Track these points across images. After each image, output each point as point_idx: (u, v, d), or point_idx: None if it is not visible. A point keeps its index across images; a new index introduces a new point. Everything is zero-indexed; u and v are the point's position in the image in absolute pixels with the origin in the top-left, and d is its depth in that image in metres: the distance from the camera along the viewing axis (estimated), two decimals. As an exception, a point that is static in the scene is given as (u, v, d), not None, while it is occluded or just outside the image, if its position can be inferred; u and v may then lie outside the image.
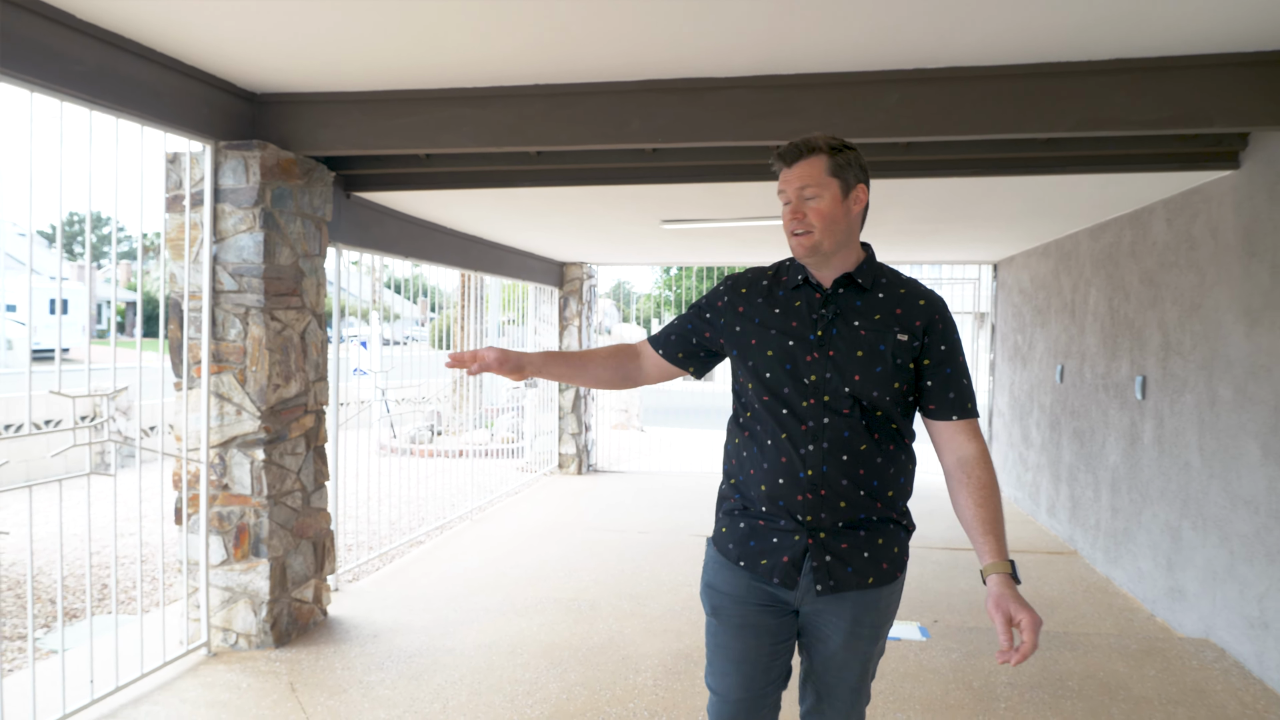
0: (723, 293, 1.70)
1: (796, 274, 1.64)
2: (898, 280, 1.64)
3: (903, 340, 1.56)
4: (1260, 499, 3.16)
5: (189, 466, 3.45)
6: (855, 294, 1.60)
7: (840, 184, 1.56)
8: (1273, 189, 3.15)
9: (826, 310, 1.59)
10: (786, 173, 1.58)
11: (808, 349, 1.56)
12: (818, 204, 1.55)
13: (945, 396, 1.58)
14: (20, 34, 2.45)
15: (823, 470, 1.53)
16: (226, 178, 3.39)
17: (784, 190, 1.59)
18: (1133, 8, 2.36)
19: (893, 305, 1.59)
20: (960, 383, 1.60)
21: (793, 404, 1.55)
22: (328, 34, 2.73)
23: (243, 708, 2.92)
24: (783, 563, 1.56)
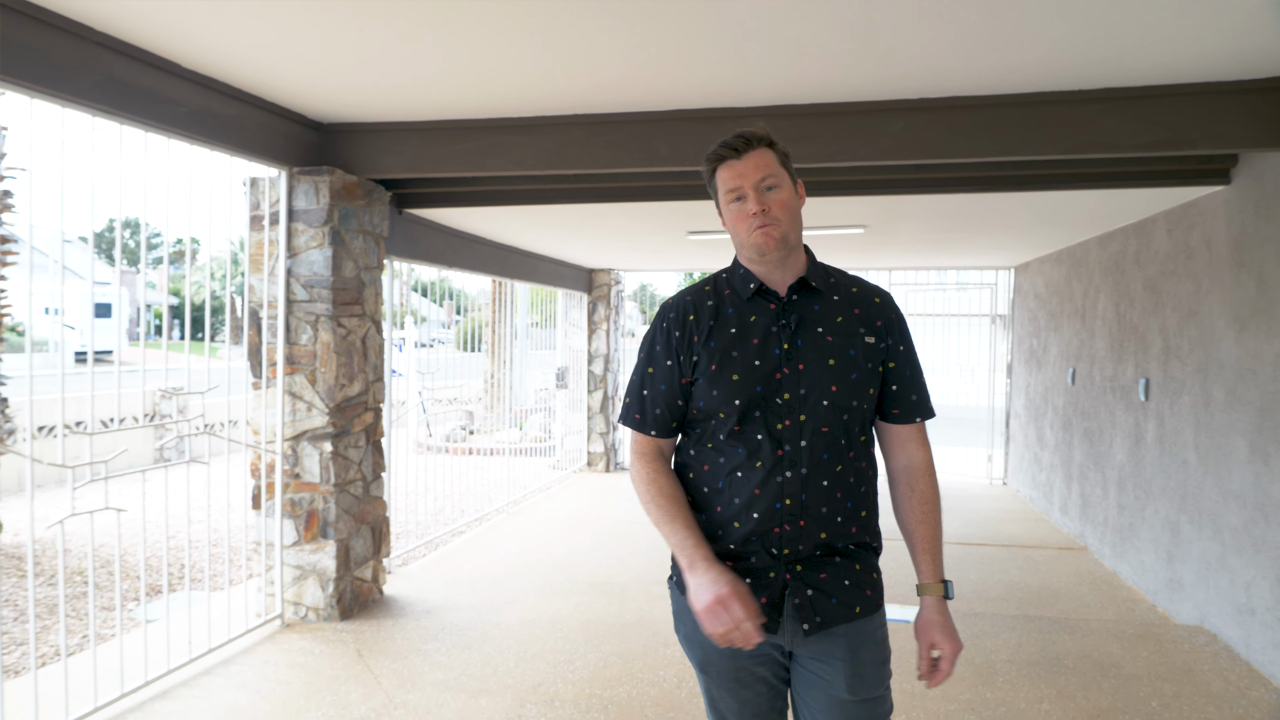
0: (671, 329, 1.51)
1: (746, 285, 1.49)
2: (846, 279, 1.54)
3: (870, 343, 1.46)
4: (1248, 493, 3.40)
5: (265, 457, 3.85)
6: (811, 298, 1.48)
7: (790, 176, 1.47)
8: (1259, 204, 3.39)
9: (787, 320, 1.45)
10: (736, 165, 1.44)
11: (775, 365, 1.42)
12: (779, 195, 1.43)
13: (909, 399, 1.50)
14: (136, 82, 2.86)
15: (802, 499, 1.40)
16: (299, 199, 3.79)
17: (737, 184, 1.44)
18: (1119, 42, 2.63)
19: (850, 306, 1.49)
20: (920, 382, 1.52)
21: (768, 428, 1.41)
22: (389, 72, 3.10)
23: (318, 669, 3.30)
24: (761, 604, 1.40)
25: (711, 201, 4.37)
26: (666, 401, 1.50)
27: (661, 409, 1.51)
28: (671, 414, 1.51)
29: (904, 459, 1.51)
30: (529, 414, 10.71)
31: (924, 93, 3.18)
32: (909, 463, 1.51)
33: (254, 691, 3.09)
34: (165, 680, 3.15)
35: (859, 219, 5.10)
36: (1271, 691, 3.11)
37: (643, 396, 1.53)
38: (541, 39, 2.70)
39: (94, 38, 2.68)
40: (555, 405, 9.14)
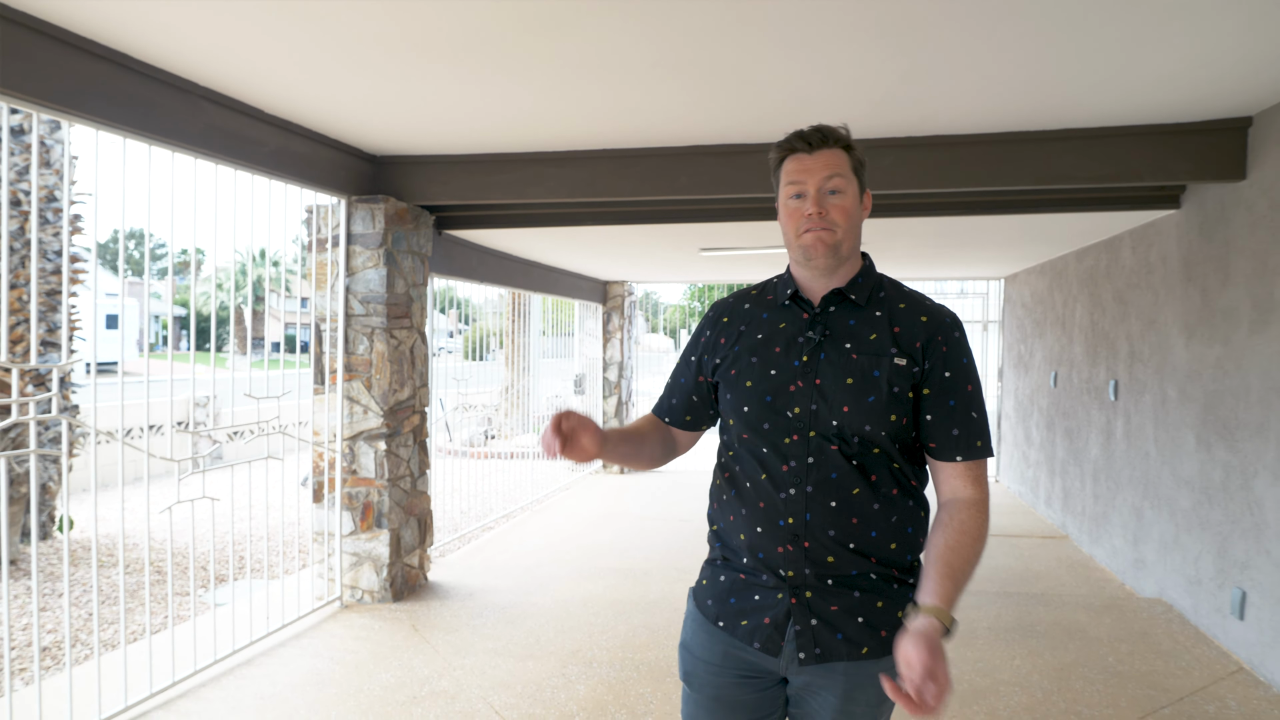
0: (704, 328, 1.50)
1: (784, 290, 1.42)
2: (899, 294, 1.41)
3: (900, 365, 1.32)
4: (1195, 479, 3.87)
5: (326, 455, 4.32)
6: (848, 311, 1.38)
7: (859, 184, 1.38)
8: (1202, 227, 3.87)
9: (814, 332, 1.37)
10: (805, 160, 1.34)
11: (791, 377, 1.35)
12: (842, 200, 1.33)
13: (947, 433, 1.34)
14: (229, 128, 3.34)
15: (805, 518, 1.31)
16: (356, 224, 4.27)
17: (800, 180, 1.34)
18: (1075, 91, 3.11)
19: (890, 323, 1.36)
20: (967, 416, 1.34)
21: (774, 441, 1.34)
22: (437, 113, 3.58)
23: (380, 641, 3.76)
24: (764, 624, 1.34)
25: (725, 222, 4.87)
26: (682, 394, 1.51)
27: (678, 399, 1.52)
28: (686, 408, 1.51)
29: (948, 494, 1.36)
30: (545, 419, 11.18)
31: (910, 132, 3.67)
32: (953, 496, 1.35)
33: (328, 659, 3.55)
34: (245, 652, 3.61)
35: (855, 236, 5.58)
36: (1212, 648, 3.57)
37: (667, 385, 1.57)
38: (575, 91, 3.20)
39: (199, 91, 3.17)
40: (574, 409, 9.59)
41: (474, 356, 16.63)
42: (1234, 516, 3.51)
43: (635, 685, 3.26)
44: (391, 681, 3.30)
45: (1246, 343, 3.44)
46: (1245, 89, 3.06)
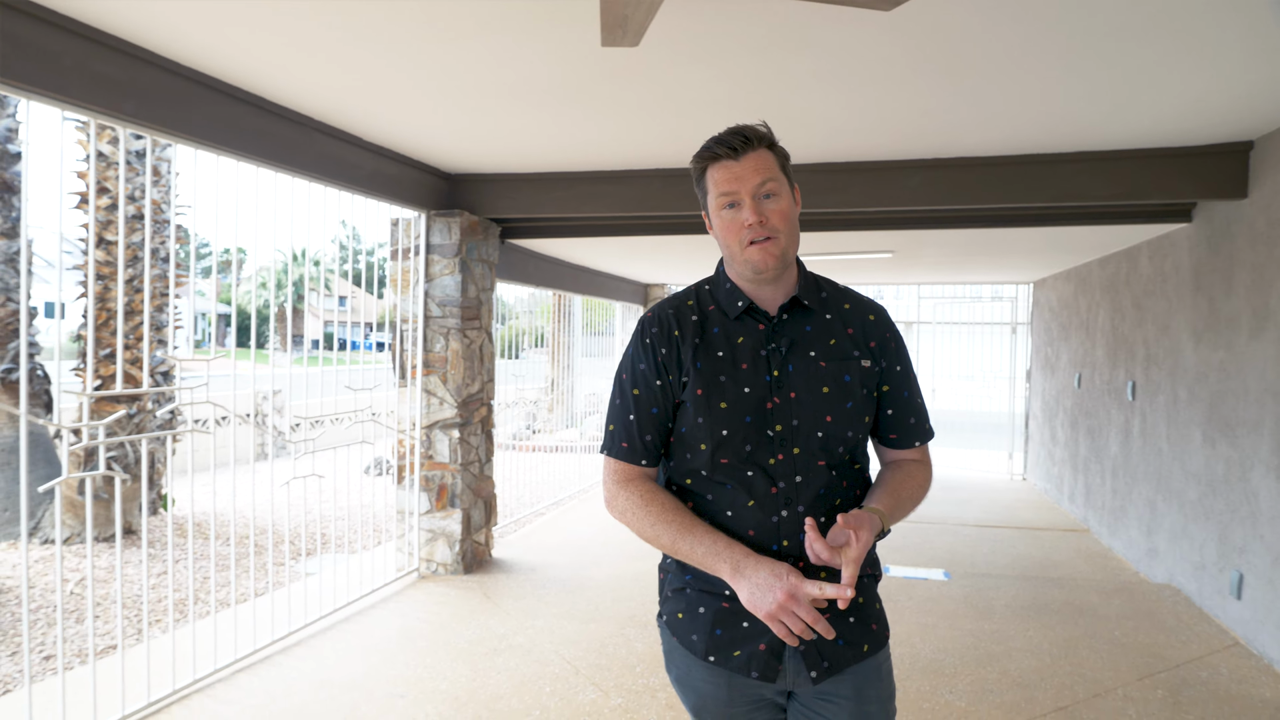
0: (657, 346, 1.35)
1: (733, 302, 1.35)
2: (838, 293, 1.40)
3: (866, 367, 1.32)
4: (1201, 473, 4.20)
5: (405, 442, 4.83)
6: (801, 318, 1.34)
7: (789, 182, 1.33)
8: (1210, 241, 4.19)
9: (777, 343, 1.31)
10: (733, 167, 1.28)
11: (765, 394, 1.29)
12: (778, 204, 1.28)
13: (907, 423, 1.38)
14: (336, 155, 3.85)
15: (800, 539, 1.26)
16: (435, 236, 4.78)
17: (732, 189, 1.28)
18: (1089, 118, 3.47)
19: (844, 325, 1.35)
20: (917, 405, 1.39)
21: (759, 462, 1.28)
22: (518, 139, 4.06)
23: (458, 605, 4.25)
24: (759, 652, 1.29)
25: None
26: (657, 427, 1.35)
27: (652, 435, 1.35)
28: (661, 440, 1.36)
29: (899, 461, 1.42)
30: (586, 416, 11.67)
31: (935, 154, 4.06)
32: (904, 458, 1.41)
33: (414, 619, 4.05)
34: (341, 612, 4.12)
35: (886, 246, 5.97)
36: (1212, 625, 3.91)
37: (629, 422, 1.35)
38: (640, 124, 3.65)
39: (313, 125, 3.68)
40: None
41: (508, 355, 17.22)
42: (1234, 506, 3.84)
43: (686, 645, 3.71)
44: (473, 637, 3.79)
45: (1246, 348, 3.77)
46: (1246, 115, 3.39)
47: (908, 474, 1.37)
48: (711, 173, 1.31)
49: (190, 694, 3.15)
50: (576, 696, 3.17)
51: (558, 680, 3.31)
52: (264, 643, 3.62)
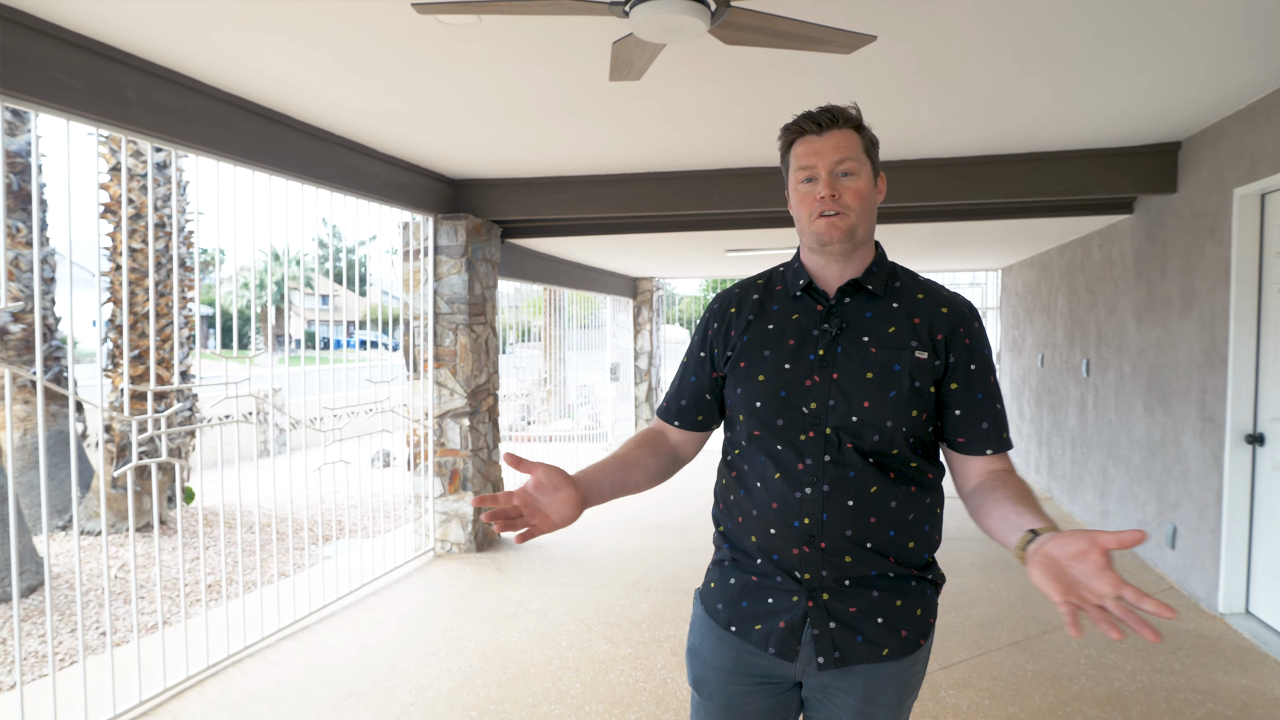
0: (710, 320, 1.43)
1: (797, 280, 1.36)
2: (915, 284, 1.36)
3: (922, 359, 1.28)
4: (1143, 439, 4.66)
5: (419, 431, 5.20)
6: (865, 302, 1.33)
7: (872, 166, 1.31)
8: (1149, 230, 4.65)
9: (830, 324, 1.31)
10: (815, 142, 1.29)
11: (806, 371, 1.30)
12: (855, 183, 1.27)
13: (977, 427, 1.31)
14: (356, 166, 4.20)
15: (822, 519, 1.26)
16: (443, 238, 5.13)
17: (810, 163, 1.28)
18: (1037, 122, 3.89)
19: (909, 315, 1.31)
20: (993, 409, 1.32)
21: (789, 438, 1.29)
22: (517, 146, 4.43)
23: (474, 578, 4.64)
24: (779, 629, 1.29)
25: (748, 229, 5.69)
26: (693, 394, 1.42)
27: (687, 400, 1.43)
28: (698, 408, 1.42)
29: (979, 478, 1.32)
30: (578, 406, 12.05)
31: (905, 156, 4.47)
32: (987, 471, 1.32)
33: (436, 591, 4.43)
34: (367, 588, 4.48)
35: (860, 238, 6.39)
36: (1151, 574, 4.38)
37: (674, 386, 1.48)
38: (645, 134, 4.03)
39: (334, 140, 4.03)
40: (605, 396, 10.47)
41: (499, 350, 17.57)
42: (1169, 467, 4.31)
43: (684, 605, 4.11)
44: (492, 604, 4.17)
45: (1177, 326, 4.23)
46: (1173, 120, 3.82)
47: (1009, 484, 1.25)
48: (795, 147, 1.31)
49: (243, 658, 3.51)
50: (591, 649, 3.57)
51: (573, 636, 3.71)
52: (301, 615, 3.98)
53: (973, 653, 3.43)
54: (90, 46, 2.68)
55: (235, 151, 3.40)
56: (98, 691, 3.05)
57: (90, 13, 2.48)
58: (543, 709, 2.99)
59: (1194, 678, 3.18)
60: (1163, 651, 3.42)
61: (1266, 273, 3.59)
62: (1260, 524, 3.64)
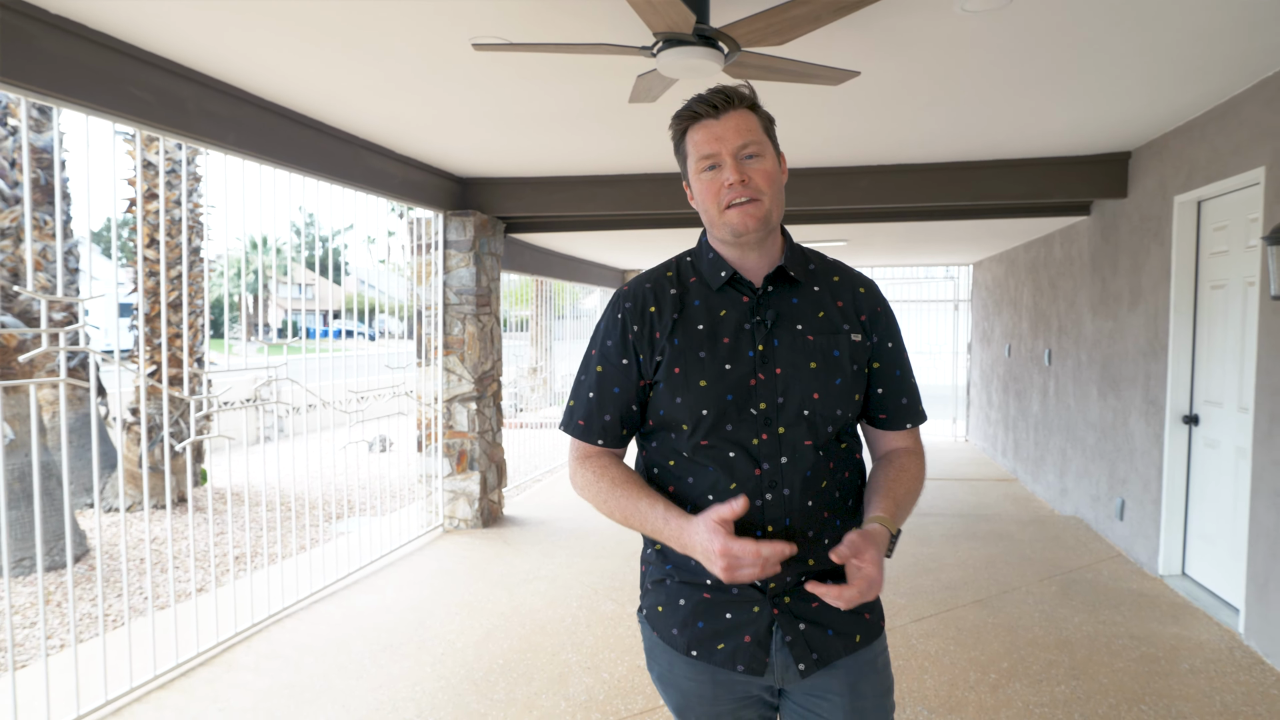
0: (628, 323, 1.27)
1: (716, 272, 1.27)
2: (827, 265, 1.33)
3: (857, 341, 1.25)
4: (1097, 422, 5.12)
5: (427, 415, 5.52)
6: (787, 290, 1.27)
7: (774, 145, 1.25)
8: (1103, 231, 5.09)
9: (763, 316, 1.24)
10: (713, 127, 1.21)
11: (749, 370, 1.21)
12: (762, 164, 1.21)
13: (898, 403, 1.31)
14: (377, 167, 4.51)
15: (786, 524, 1.19)
16: (452, 233, 5.45)
17: (713, 150, 1.20)
18: (1000, 133, 4.29)
19: (832, 297, 1.28)
20: (910, 384, 1.32)
21: (741, 443, 1.20)
22: (518, 147, 4.76)
23: (483, 550, 4.99)
24: (745, 644, 1.23)
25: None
26: (618, 406, 1.28)
27: (612, 415, 1.29)
28: (624, 422, 1.30)
29: (886, 452, 1.35)
30: (565, 394, 12.40)
31: (880, 161, 4.86)
32: (893, 447, 1.34)
33: (449, 561, 4.78)
34: (382, 560, 4.81)
35: (841, 236, 6.80)
36: (1102, 544, 4.85)
37: (588, 400, 1.30)
38: (648, 138, 4.38)
39: (358, 143, 4.34)
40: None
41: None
42: (1118, 446, 4.77)
43: (682, 571, 4.51)
44: (504, 572, 4.53)
45: (1126, 318, 4.67)
46: (1124, 133, 4.24)
47: (900, 468, 1.29)
48: (691, 134, 1.23)
49: (283, 618, 3.84)
50: (599, 608, 3.94)
51: (581, 598, 4.08)
52: (328, 581, 4.32)
53: (940, 609, 3.86)
54: (158, 63, 2.98)
55: (277, 155, 3.70)
56: (141, 652, 3.37)
57: (162, 31, 2.77)
58: (561, 657, 3.36)
59: (1132, 627, 3.62)
60: (1107, 606, 3.87)
61: (1202, 271, 4.03)
62: (1195, 495, 4.10)
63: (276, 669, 3.28)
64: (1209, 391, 3.96)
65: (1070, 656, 3.32)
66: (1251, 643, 3.36)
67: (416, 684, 3.12)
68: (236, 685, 3.13)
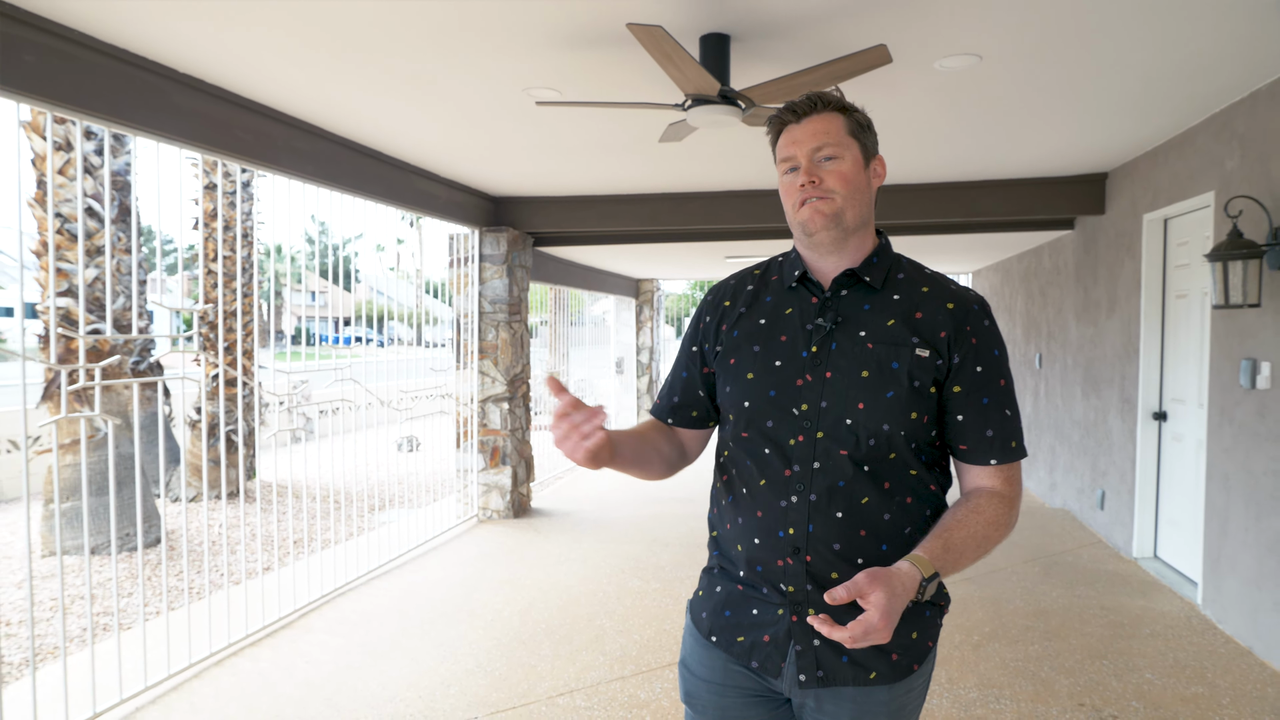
0: (703, 313, 1.35)
1: (791, 271, 1.27)
2: (920, 276, 1.26)
3: (923, 357, 1.17)
4: (1081, 420, 5.56)
5: (464, 414, 6.01)
6: (862, 295, 1.23)
7: (861, 148, 1.22)
8: (1086, 244, 5.54)
9: (824, 318, 1.21)
10: (794, 131, 1.22)
11: (798, 370, 1.20)
12: (839, 166, 1.19)
13: (980, 435, 1.19)
14: (424, 189, 5.01)
15: (808, 530, 1.17)
16: (487, 247, 5.95)
17: (790, 153, 1.22)
18: (992, 156, 4.76)
19: (911, 309, 1.21)
20: (1001, 415, 1.20)
21: (778, 441, 1.19)
22: (546, 170, 5.26)
23: (517, 538, 5.46)
24: (762, 642, 1.21)
25: (749, 240, 6.55)
26: (685, 389, 1.35)
27: (680, 397, 1.36)
28: (691, 404, 1.35)
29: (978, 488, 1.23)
30: (582, 398, 12.90)
31: (886, 181, 5.33)
32: (979, 486, 1.23)
33: (487, 547, 5.25)
34: (424, 546, 5.29)
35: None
36: (1085, 531, 5.28)
37: (668, 382, 1.39)
38: (678, 163, 4.87)
39: (409, 168, 4.84)
40: (604, 389, 11.30)
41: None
42: (1099, 441, 5.21)
43: (699, 556, 4.96)
44: (538, 554, 5.01)
45: (1105, 324, 5.12)
46: (1100, 156, 4.69)
47: (974, 509, 1.17)
48: (779, 140, 1.25)
49: (345, 592, 4.32)
50: (626, 584, 4.41)
51: (610, 576, 4.55)
52: (382, 561, 4.80)
53: (933, 585, 4.31)
54: (254, 108, 3.48)
55: (344, 182, 4.20)
56: (230, 618, 3.86)
57: (265, 81, 3.27)
58: (596, 622, 3.83)
59: (1103, 600, 4.06)
60: (1083, 584, 4.31)
61: (1169, 283, 4.48)
62: (1165, 484, 4.53)
63: (348, 631, 3.76)
64: (1176, 390, 4.40)
65: (1045, 623, 3.77)
66: (1207, 611, 3.79)
67: (472, 643, 3.59)
68: (315, 644, 3.62)
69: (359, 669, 3.33)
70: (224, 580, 4.15)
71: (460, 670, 3.31)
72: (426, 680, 3.22)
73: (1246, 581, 3.43)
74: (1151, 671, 3.23)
